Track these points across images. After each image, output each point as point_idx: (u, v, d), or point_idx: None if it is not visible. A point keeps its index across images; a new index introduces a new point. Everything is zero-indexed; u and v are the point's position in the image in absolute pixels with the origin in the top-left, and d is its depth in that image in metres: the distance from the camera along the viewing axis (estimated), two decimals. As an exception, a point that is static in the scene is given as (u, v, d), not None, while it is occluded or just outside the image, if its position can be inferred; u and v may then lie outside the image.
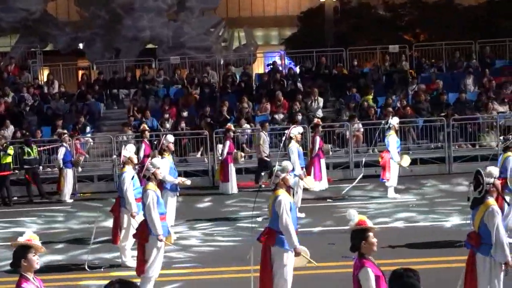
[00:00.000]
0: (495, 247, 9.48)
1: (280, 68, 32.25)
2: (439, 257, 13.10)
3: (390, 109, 25.86)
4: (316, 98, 27.19)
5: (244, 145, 25.19)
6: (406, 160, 19.83)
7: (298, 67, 32.62)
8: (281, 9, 46.94)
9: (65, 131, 24.12)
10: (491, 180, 9.88)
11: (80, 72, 35.40)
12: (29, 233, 7.47)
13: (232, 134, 22.54)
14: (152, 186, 11.60)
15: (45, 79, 32.52)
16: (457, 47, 31.41)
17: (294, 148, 17.63)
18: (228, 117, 26.20)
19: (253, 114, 26.83)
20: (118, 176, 17.16)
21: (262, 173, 21.57)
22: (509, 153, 14.42)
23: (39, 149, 23.69)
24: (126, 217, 13.76)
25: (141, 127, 22.42)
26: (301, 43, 37.20)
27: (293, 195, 10.75)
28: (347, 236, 7.72)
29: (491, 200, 9.80)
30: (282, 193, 10.34)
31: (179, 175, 18.78)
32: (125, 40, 34.49)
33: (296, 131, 18.07)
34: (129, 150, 14.17)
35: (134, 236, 11.91)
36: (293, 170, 12.74)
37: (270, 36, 46.96)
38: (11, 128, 26.10)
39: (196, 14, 35.79)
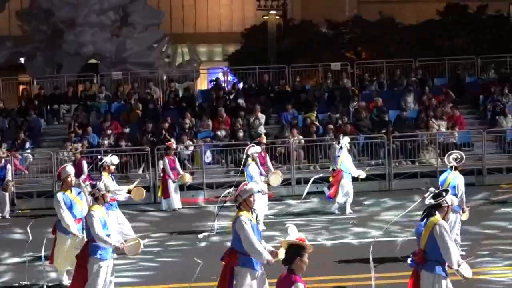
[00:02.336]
0: (451, 260, 9.50)
1: (223, 85, 32.15)
2: (386, 273, 13.05)
3: (331, 126, 25.98)
4: (258, 115, 27.16)
5: (186, 161, 25.00)
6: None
7: (241, 83, 32.58)
8: (225, 25, 46.95)
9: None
10: (450, 202, 9.88)
11: (21, 87, 34.80)
12: None
13: (172, 151, 22.27)
14: (97, 207, 11.35)
15: (-16, 94, 31.90)
16: (398, 65, 31.70)
17: (252, 166, 17.65)
18: (169, 134, 25.98)
19: (195, 131, 26.66)
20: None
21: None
22: (456, 173, 14.15)
23: None
24: (64, 237, 13.39)
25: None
26: (245, 59, 37.21)
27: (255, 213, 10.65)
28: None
29: (438, 216, 9.72)
30: (243, 214, 10.16)
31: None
32: (66, 55, 34.03)
33: (253, 150, 18.05)
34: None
35: (76, 256, 11.65)
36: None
37: (213, 52, 46.89)
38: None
39: (139, 30, 35.53)
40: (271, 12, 41.04)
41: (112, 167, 16.70)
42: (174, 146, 22.43)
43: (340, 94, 29.18)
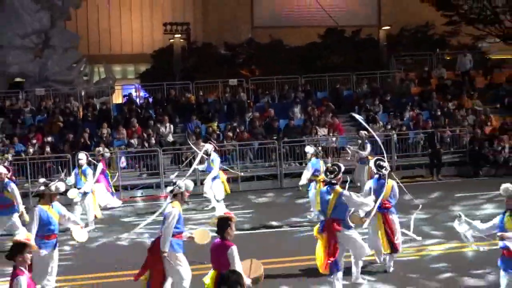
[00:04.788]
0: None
1: (136, 99, 31.88)
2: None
3: (230, 133, 26.09)
4: (166, 124, 27.03)
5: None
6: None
7: (151, 97, 32.34)
8: (137, 47, 46.49)
9: None
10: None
11: (-48, 103, 33.58)
12: (26, 233, 7.78)
13: (106, 156, 21.84)
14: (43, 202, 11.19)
15: None
16: (286, 81, 32.07)
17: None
18: (89, 142, 25.58)
19: (111, 139, 26.33)
20: None
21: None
22: (392, 181, 12.62)
23: None
24: None
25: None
26: (154, 77, 36.91)
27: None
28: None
29: (338, 188, 10.76)
30: (176, 206, 10.25)
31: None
32: (-7, 74, 33.16)
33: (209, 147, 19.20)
34: None
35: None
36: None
37: (127, 71, 46.32)
38: None
39: (59, 52, 34.89)
40: (176, 35, 40.89)
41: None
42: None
43: (237, 106, 29.33)
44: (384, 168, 12.32)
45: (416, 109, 28.65)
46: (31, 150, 24.93)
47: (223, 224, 8.36)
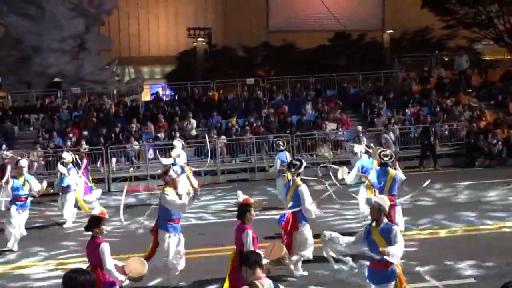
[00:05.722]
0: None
1: (162, 97, 31.89)
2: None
3: (248, 128, 26.01)
4: (190, 120, 27.00)
5: (133, 158, 24.71)
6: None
7: (176, 95, 32.36)
8: (163, 50, 46.52)
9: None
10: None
11: (-2, 101, 33.81)
12: (101, 208, 8.12)
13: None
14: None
15: (-33, 107, 30.87)
16: (298, 80, 31.95)
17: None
18: (121, 136, 25.65)
19: (140, 133, 26.35)
20: None
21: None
22: (394, 171, 12.41)
23: None
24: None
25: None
26: (179, 77, 36.92)
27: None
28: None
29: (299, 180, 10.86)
30: (169, 190, 10.19)
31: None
32: (34, 75, 33.29)
33: None
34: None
35: None
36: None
37: (154, 71, 46.36)
38: None
39: (93, 54, 35.03)
40: (199, 39, 40.97)
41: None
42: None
43: (254, 103, 29.27)
44: (388, 157, 12.36)
45: (417, 106, 28.44)
46: (68, 143, 24.99)
47: (243, 209, 8.42)
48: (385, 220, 7.69)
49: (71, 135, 25.56)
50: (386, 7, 47.34)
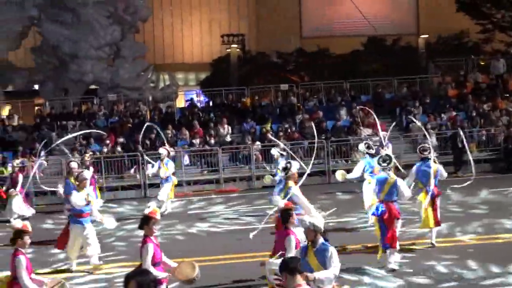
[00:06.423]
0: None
1: (197, 103, 32.02)
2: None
3: (282, 133, 25.96)
4: (224, 126, 27.04)
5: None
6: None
7: (210, 102, 32.47)
8: (197, 57, 46.77)
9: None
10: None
11: (36, 108, 34.27)
12: (154, 207, 8.42)
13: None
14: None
15: (7, 114, 31.49)
16: (332, 86, 31.79)
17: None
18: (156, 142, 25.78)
19: (175, 139, 26.47)
20: None
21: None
22: (437, 165, 12.84)
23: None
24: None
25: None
26: (213, 83, 37.06)
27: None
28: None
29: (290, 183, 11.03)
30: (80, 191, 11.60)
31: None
32: (71, 82, 33.71)
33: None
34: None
35: None
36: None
37: (188, 78, 46.61)
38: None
39: (129, 61, 35.31)
40: (233, 45, 41.07)
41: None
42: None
43: (288, 108, 29.19)
44: (427, 151, 12.70)
45: (453, 111, 28.07)
46: (105, 149, 25.23)
47: (285, 215, 8.44)
48: (321, 240, 7.17)
49: (107, 141, 25.78)
50: (421, 11, 46.91)
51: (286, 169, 11.28)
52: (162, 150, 19.08)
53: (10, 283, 8.18)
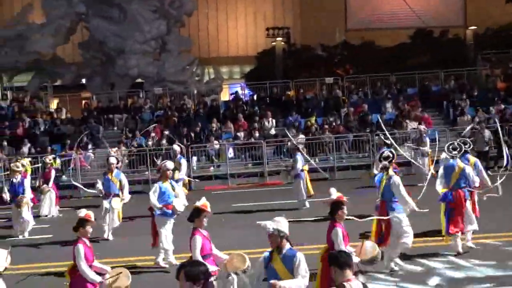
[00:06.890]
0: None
1: (242, 96, 32.05)
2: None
3: (327, 127, 25.80)
4: (269, 119, 27.01)
5: (213, 157, 24.94)
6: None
7: (255, 95, 32.46)
8: (242, 50, 46.78)
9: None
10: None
11: (83, 102, 34.83)
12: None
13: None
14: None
15: (55, 107, 32.05)
16: (378, 78, 31.44)
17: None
18: (201, 135, 25.96)
19: (220, 132, 26.57)
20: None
21: None
22: (463, 164, 12.26)
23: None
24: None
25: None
26: (257, 76, 37.02)
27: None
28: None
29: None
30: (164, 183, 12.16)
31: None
32: (118, 76, 34.12)
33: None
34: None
35: None
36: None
37: (233, 71, 46.67)
38: (28, 145, 25.69)
39: (174, 55, 35.56)
40: (278, 38, 40.94)
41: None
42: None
43: (333, 102, 29.01)
44: (457, 150, 12.30)
45: (502, 104, 27.45)
46: (150, 142, 25.45)
47: (335, 207, 8.29)
48: (288, 245, 6.89)
49: (153, 134, 26.00)
50: (469, 3, 46.00)
51: (388, 158, 11.07)
52: (176, 147, 18.17)
53: (71, 271, 8.45)
